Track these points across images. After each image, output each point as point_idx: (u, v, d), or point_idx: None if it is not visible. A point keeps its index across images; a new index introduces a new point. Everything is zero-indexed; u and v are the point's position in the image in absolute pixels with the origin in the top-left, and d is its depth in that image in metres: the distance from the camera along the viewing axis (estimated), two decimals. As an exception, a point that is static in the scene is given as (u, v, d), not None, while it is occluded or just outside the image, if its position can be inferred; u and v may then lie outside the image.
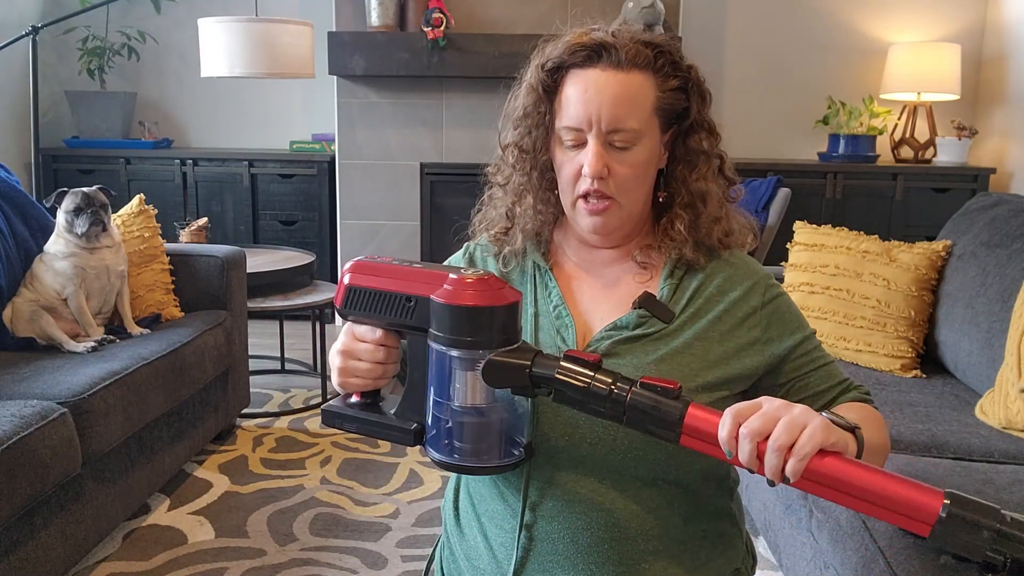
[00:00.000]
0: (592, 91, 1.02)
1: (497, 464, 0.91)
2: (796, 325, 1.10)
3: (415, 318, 0.90)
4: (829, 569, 1.63)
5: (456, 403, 0.89)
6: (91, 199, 2.41)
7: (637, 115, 1.03)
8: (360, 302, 0.95)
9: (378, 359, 0.96)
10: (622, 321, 1.06)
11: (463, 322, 0.86)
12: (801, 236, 2.56)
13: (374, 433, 0.97)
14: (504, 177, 1.15)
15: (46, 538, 1.88)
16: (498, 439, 0.91)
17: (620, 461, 1.01)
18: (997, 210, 2.37)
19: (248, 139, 4.70)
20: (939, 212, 3.65)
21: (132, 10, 4.46)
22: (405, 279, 0.92)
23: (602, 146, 1.03)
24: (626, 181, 1.04)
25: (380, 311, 0.94)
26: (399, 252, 4.28)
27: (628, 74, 1.02)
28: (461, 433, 0.89)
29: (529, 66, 1.10)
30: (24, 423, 1.79)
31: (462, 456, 0.90)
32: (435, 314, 0.88)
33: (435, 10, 3.82)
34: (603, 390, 0.84)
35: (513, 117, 1.12)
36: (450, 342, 0.87)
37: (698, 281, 1.08)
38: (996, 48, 4.23)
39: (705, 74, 1.11)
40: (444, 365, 0.89)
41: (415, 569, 2.12)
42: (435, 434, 0.91)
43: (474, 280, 0.87)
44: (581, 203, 1.06)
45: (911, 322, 2.31)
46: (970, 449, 1.76)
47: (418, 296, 0.90)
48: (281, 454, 2.79)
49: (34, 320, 2.35)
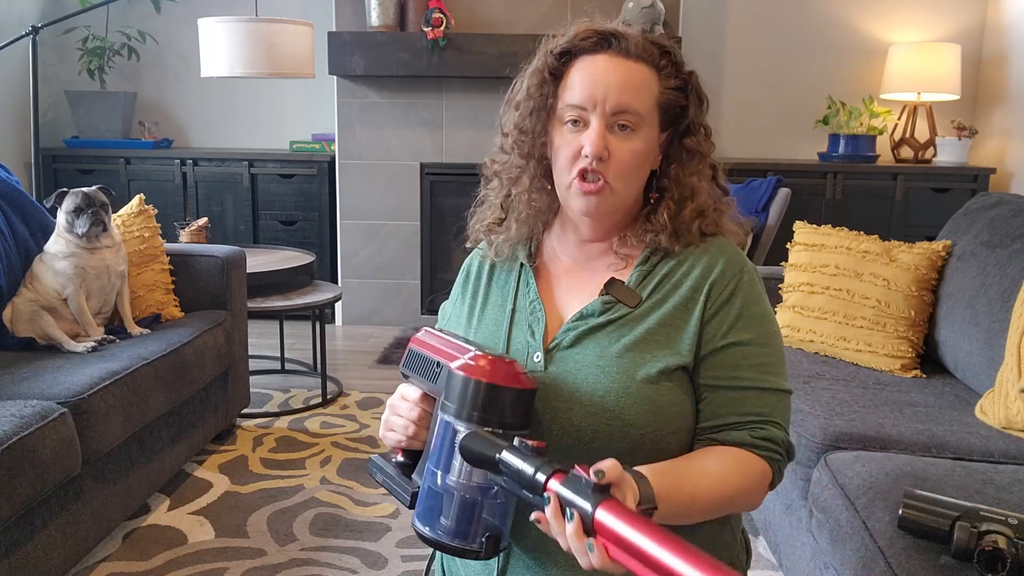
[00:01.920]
0: (600, 73, 1.04)
1: (470, 549, 0.91)
2: (739, 326, 1.04)
3: (438, 384, 0.94)
4: (829, 569, 1.63)
5: (448, 476, 0.91)
6: (91, 199, 2.41)
7: (643, 102, 1.04)
8: (410, 361, 1.03)
9: (412, 418, 1.02)
10: (587, 309, 1.07)
11: (471, 395, 0.89)
12: (801, 236, 2.56)
13: (387, 486, 1.03)
14: (501, 164, 1.16)
15: (46, 538, 1.88)
16: (478, 527, 0.91)
17: (587, 453, 1.01)
18: (997, 210, 2.37)
19: (248, 139, 4.70)
20: (939, 212, 3.65)
21: (132, 10, 4.46)
22: (447, 348, 0.98)
23: (604, 128, 1.03)
24: (623, 167, 1.04)
25: (420, 373, 1.01)
26: (399, 252, 4.28)
27: (636, 64, 1.05)
28: (444, 507, 0.91)
29: (537, 54, 1.11)
30: (24, 423, 1.79)
31: (441, 532, 0.91)
32: (449, 383, 0.91)
33: (435, 10, 3.82)
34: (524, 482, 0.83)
35: (516, 100, 1.12)
36: (455, 411, 0.90)
37: (669, 267, 1.08)
38: (996, 48, 4.23)
39: (705, 74, 1.12)
40: (445, 435, 0.91)
41: (415, 569, 2.12)
42: (423, 503, 0.93)
43: (494, 358, 0.90)
44: (576, 183, 1.05)
45: (911, 322, 2.31)
46: (970, 449, 1.76)
47: (444, 362, 0.95)
48: (281, 454, 2.79)
49: (34, 320, 2.35)
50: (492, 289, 1.17)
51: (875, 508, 1.51)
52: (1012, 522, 1.22)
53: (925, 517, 1.31)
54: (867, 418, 1.89)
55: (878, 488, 1.56)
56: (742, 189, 3.56)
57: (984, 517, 1.24)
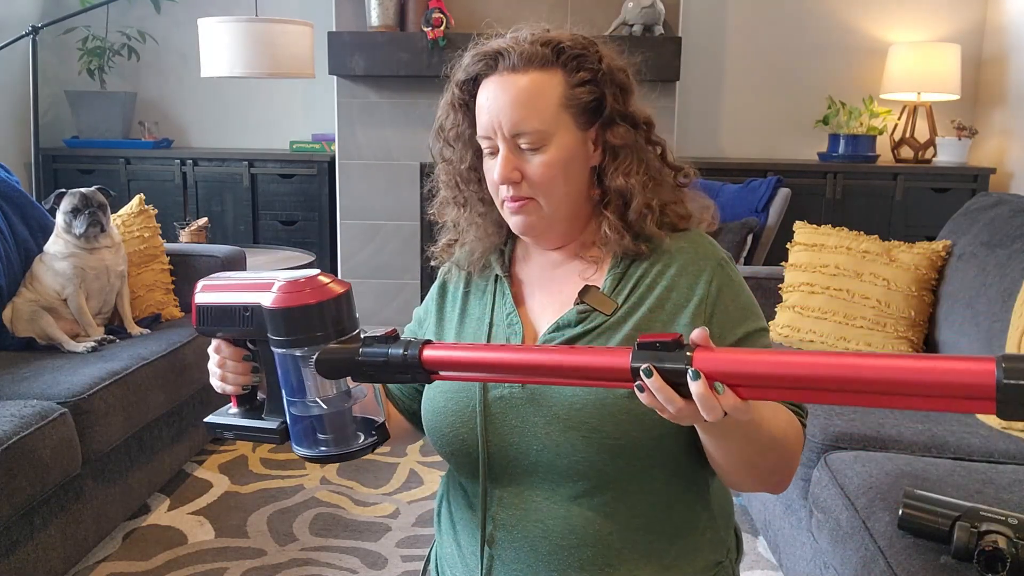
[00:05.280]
0: (492, 98, 1.03)
1: (358, 449, 0.94)
2: (740, 317, 1.04)
3: (255, 326, 0.94)
4: (829, 569, 1.63)
5: (308, 399, 0.92)
6: (89, 200, 2.41)
7: (539, 115, 1.02)
8: (208, 318, 1.00)
9: (240, 370, 1.01)
10: (563, 319, 1.05)
11: (294, 323, 0.90)
12: (801, 236, 2.56)
13: (247, 436, 1.02)
14: (441, 191, 1.16)
15: (46, 538, 1.88)
16: (354, 425, 0.95)
17: (567, 466, 1.00)
18: (997, 210, 2.37)
19: (248, 139, 4.69)
20: (939, 212, 3.64)
21: (132, 10, 4.46)
22: (243, 290, 0.97)
23: (510, 151, 1.03)
24: (540, 182, 1.03)
25: (227, 324, 0.98)
26: (399, 252, 4.28)
27: (526, 74, 1.02)
28: (318, 426, 0.93)
29: (448, 82, 1.11)
30: (24, 423, 1.79)
31: (325, 447, 0.94)
32: (270, 321, 0.91)
33: (435, 10, 3.82)
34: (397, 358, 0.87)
35: (437, 130, 1.13)
36: (288, 343, 0.90)
37: (642, 268, 1.06)
38: (996, 48, 4.23)
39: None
40: (287, 366, 0.92)
41: (415, 569, 2.12)
42: (297, 431, 0.95)
43: (301, 281, 0.91)
44: (507, 204, 1.06)
45: (911, 322, 2.31)
46: (970, 449, 1.76)
47: (253, 306, 0.94)
48: (281, 454, 2.79)
49: (34, 320, 2.35)
50: (470, 302, 1.15)
51: (875, 508, 1.51)
52: (1012, 522, 1.22)
53: (925, 517, 1.31)
54: (867, 418, 1.89)
55: (878, 488, 1.56)
56: (742, 189, 3.56)
57: (984, 517, 1.24)
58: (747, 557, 2.14)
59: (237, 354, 1.01)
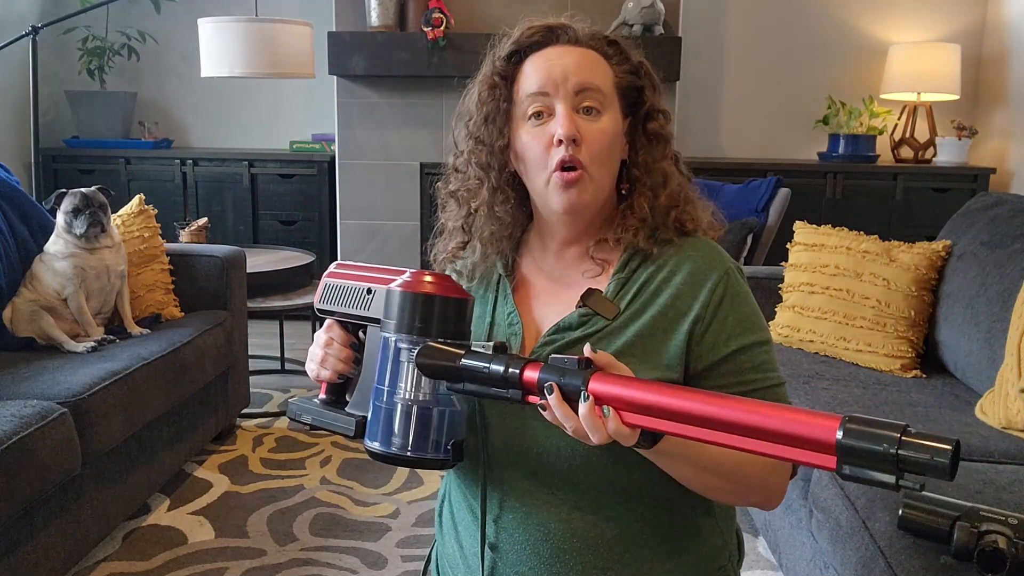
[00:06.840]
0: (555, 58, 1.03)
1: (428, 458, 0.92)
2: (737, 331, 1.02)
3: (371, 309, 0.96)
4: (829, 569, 1.63)
5: (399, 393, 0.91)
6: (89, 200, 2.41)
7: (602, 80, 1.03)
8: (332, 295, 1.04)
9: (344, 354, 1.03)
10: (564, 322, 1.04)
11: (413, 309, 0.90)
12: (801, 236, 2.56)
13: (324, 425, 1.02)
14: (457, 183, 1.12)
15: (46, 538, 1.88)
16: (434, 434, 0.92)
17: (568, 469, 1.00)
18: (997, 210, 2.37)
19: (248, 139, 4.70)
20: (939, 212, 3.65)
21: (132, 10, 4.46)
22: (374, 275, 1.00)
23: (571, 109, 1.01)
24: (597, 149, 1.01)
25: (348, 303, 1.01)
26: (399, 252, 4.28)
27: (585, 49, 1.04)
28: (399, 423, 0.92)
29: (483, 63, 1.10)
30: (24, 423, 1.79)
31: (397, 447, 0.92)
32: (388, 303, 0.92)
33: (435, 10, 3.82)
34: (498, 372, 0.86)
35: (467, 111, 1.10)
36: (396, 327, 0.91)
37: (648, 273, 1.04)
38: (996, 48, 4.23)
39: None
40: (389, 353, 0.92)
41: (415, 569, 2.12)
42: (375, 425, 0.93)
43: (431, 275, 0.93)
44: (556, 176, 1.00)
45: (911, 322, 2.31)
46: (970, 449, 1.76)
47: (376, 287, 0.97)
48: (281, 454, 2.79)
49: (34, 320, 2.35)
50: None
51: (875, 508, 1.51)
52: (1012, 522, 1.22)
53: (925, 517, 1.31)
54: (867, 418, 1.89)
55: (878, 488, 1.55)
56: (742, 189, 3.56)
57: (984, 517, 1.24)
58: (747, 557, 2.14)
59: (346, 338, 1.04)
